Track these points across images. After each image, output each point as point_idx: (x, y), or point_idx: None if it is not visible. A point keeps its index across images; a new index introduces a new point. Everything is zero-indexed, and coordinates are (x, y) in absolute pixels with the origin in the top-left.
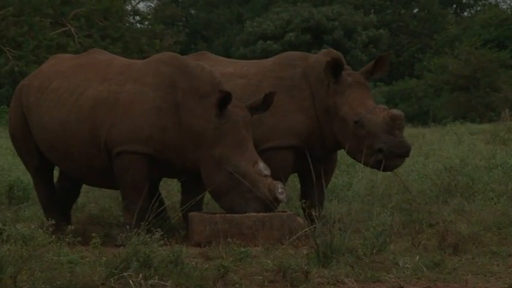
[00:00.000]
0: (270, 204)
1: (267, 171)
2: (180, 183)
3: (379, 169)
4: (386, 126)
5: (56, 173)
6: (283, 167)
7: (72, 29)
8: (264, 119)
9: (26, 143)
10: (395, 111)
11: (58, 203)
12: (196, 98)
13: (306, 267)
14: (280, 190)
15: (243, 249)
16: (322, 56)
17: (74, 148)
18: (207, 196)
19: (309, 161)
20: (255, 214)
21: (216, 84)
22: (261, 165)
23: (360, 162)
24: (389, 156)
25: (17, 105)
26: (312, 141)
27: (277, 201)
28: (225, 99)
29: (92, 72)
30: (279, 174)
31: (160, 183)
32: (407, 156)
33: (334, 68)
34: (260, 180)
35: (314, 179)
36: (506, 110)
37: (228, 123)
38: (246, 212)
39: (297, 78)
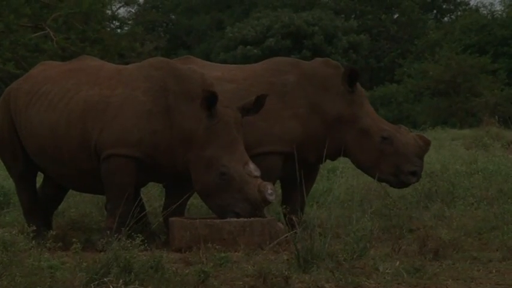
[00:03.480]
0: (258, 205)
1: (257, 172)
2: (162, 188)
3: (397, 187)
4: (419, 149)
5: (39, 179)
6: (271, 172)
7: (51, 32)
8: (256, 123)
9: (12, 148)
10: (426, 137)
11: (40, 209)
12: (188, 100)
13: (286, 273)
14: (269, 191)
15: (223, 254)
16: (319, 65)
17: (64, 151)
18: (189, 201)
19: (300, 167)
20: (235, 219)
21: (207, 86)
22: (252, 166)
23: (372, 176)
24: (418, 180)
25: (4, 109)
26: (305, 149)
27: (266, 202)
28: (210, 98)
29: (83, 76)
30: (266, 179)
31: (141, 188)
32: None
33: (352, 78)
34: (250, 181)
35: (297, 185)
36: (477, 116)
37: (219, 123)
38: (235, 212)
39: (289, 85)
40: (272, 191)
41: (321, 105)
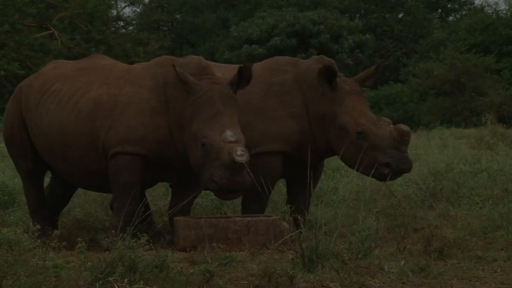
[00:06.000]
0: (232, 168)
1: (233, 138)
2: (167, 188)
3: (379, 180)
4: (393, 141)
5: (46, 178)
6: (271, 172)
7: (56, 32)
8: (254, 123)
9: (21, 145)
10: (403, 127)
11: (46, 209)
12: (182, 85)
13: (291, 272)
14: (239, 152)
15: (228, 253)
16: (314, 62)
17: (73, 150)
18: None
19: (307, 166)
20: (240, 219)
21: (202, 68)
22: (228, 132)
23: (357, 171)
24: (395, 171)
25: (15, 105)
26: (303, 148)
27: (236, 164)
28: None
29: (94, 75)
30: (266, 179)
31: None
32: (409, 171)
33: (327, 75)
34: (223, 146)
35: (302, 184)
36: (487, 115)
37: (203, 97)
38: (213, 181)
39: (287, 84)
40: (242, 152)
41: (312, 104)
